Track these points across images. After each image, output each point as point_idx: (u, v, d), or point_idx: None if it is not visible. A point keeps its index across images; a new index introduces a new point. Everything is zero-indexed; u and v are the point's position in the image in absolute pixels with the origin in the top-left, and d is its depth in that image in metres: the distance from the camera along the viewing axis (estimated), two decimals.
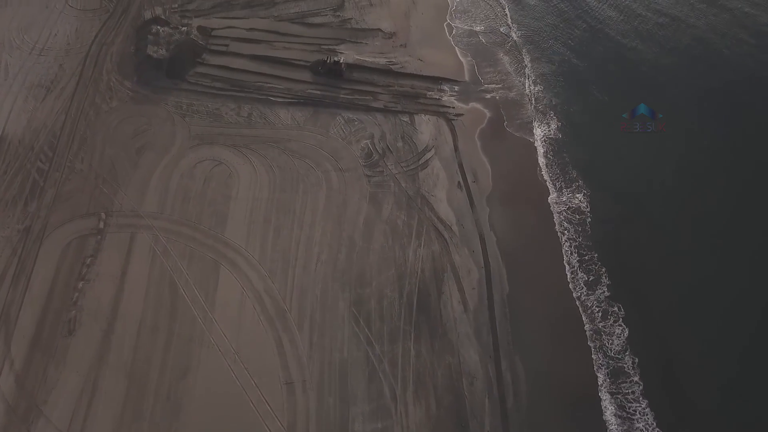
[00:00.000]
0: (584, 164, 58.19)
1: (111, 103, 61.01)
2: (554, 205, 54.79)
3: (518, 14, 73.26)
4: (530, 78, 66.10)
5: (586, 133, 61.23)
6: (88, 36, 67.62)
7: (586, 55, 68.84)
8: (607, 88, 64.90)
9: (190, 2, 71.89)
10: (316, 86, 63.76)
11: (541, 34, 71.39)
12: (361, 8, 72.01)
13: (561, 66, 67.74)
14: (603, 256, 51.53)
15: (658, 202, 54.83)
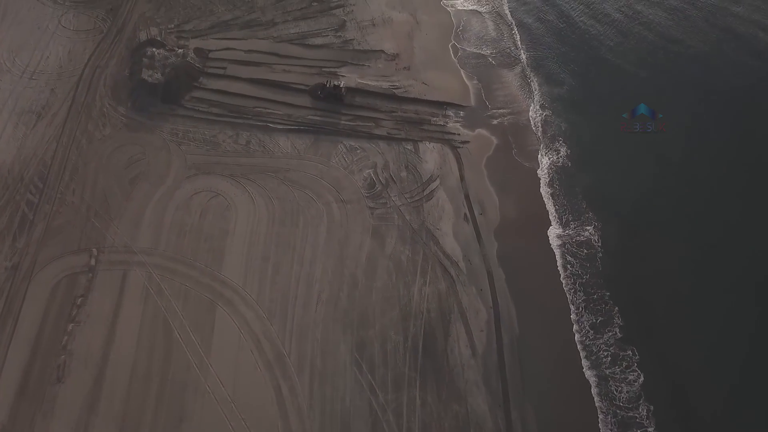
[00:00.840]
0: (595, 194, 56.93)
1: (104, 130, 59.60)
2: (559, 239, 53.28)
3: (527, 34, 72.09)
4: (539, 102, 64.76)
5: (596, 161, 59.94)
6: (81, 58, 66.22)
7: (597, 77, 67.64)
8: (617, 111, 63.35)
9: (187, 22, 70.58)
10: (317, 112, 62.36)
11: (551, 55, 70.16)
12: (363, 28, 70.71)
13: (570, 88, 66.51)
14: (615, 294, 50.08)
15: (674, 234, 53.42)
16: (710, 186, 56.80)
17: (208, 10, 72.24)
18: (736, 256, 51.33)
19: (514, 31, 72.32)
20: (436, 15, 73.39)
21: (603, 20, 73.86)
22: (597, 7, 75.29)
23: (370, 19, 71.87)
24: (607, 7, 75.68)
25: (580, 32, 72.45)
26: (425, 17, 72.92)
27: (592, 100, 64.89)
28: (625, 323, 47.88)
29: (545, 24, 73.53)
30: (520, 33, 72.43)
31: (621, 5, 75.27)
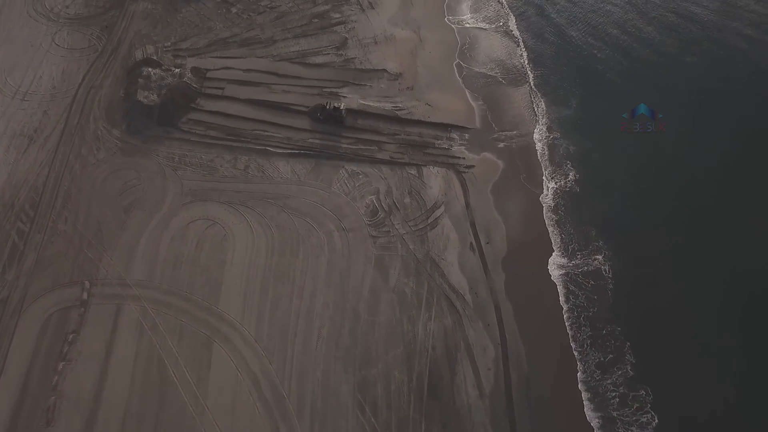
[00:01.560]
0: (604, 220, 55.78)
1: (98, 154, 58.39)
2: (562, 269, 51.99)
3: (534, 52, 70.90)
4: (546, 124, 63.52)
5: (605, 184, 58.80)
6: (75, 78, 65.09)
7: (604, 97, 66.30)
8: (625, 133, 62.16)
9: (184, 40, 69.44)
10: (317, 135, 61.16)
11: (558, 74, 68.95)
12: (365, 46, 69.53)
13: (578, 109, 65.26)
14: (626, 328, 48.69)
15: (690, 261, 52.17)
16: (725, 206, 55.48)
17: (206, 27, 71.10)
18: (761, 287, 49.99)
19: (521, 49, 71.11)
20: (440, 32, 72.21)
21: (609, 39, 72.76)
22: (603, 25, 74.15)
23: (372, 37, 70.71)
24: (611, 25, 74.39)
25: (588, 50, 71.27)
26: (429, 34, 71.76)
27: (599, 122, 63.71)
28: (638, 360, 46.44)
29: (552, 41, 72.35)
30: (527, 51, 71.23)
31: (625, 23, 73.95)
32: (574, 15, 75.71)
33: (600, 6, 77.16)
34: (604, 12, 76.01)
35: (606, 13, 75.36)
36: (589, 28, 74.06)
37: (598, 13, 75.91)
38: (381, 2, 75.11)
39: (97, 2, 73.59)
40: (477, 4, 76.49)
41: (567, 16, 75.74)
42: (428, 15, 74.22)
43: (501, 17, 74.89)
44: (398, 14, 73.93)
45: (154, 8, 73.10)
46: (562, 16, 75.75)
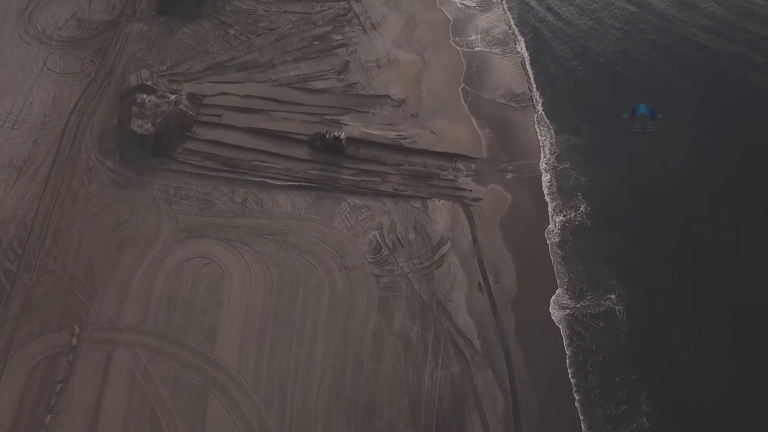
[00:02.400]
0: (618, 255, 53.88)
1: (90, 187, 56.76)
2: (566, 310, 50.25)
3: (542, 76, 69.11)
4: (555, 153, 61.80)
5: (618, 217, 57.03)
6: (66, 105, 63.51)
7: (617, 126, 64.38)
8: (636, 164, 60.51)
9: (180, 63, 67.88)
10: (318, 165, 59.57)
11: (568, 99, 67.15)
12: (367, 70, 67.94)
13: (588, 137, 63.40)
14: (641, 377, 46.89)
15: (712, 301, 50.42)
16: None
17: (203, 50, 69.54)
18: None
19: (529, 73, 69.43)
20: (445, 55, 70.60)
21: (622, 60, 70.91)
22: (614, 46, 72.34)
23: (375, 60, 69.14)
24: (624, 44, 72.70)
25: (599, 73, 69.48)
26: (434, 57, 70.17)
27: (610, 151, 61.85)
28: (655, 412, 44.62)
29: (561, 64, 70.61)
30: (535, 74, 69.52)
31: (640, 45, 72.33)
32: (585, 37, 73.98)
33: (614, 26, 75.32)
34: (617, 32, 74.18)
35: (621, 35, 73.45)
36: (601, 46, 72.17)
37: (610, 34, 74.01)
38: (384, 23, 73.55)
39: (90, 24, 72.03)
40: (484, 26, 74.86)
41: (577, 37, 74.02)
42: (433, 36, 72.65)
43: (509, 39, 73.25)
44: (402, 36, 72.35)
45: (150, 30, 71.59)
46: (572, 38, 74.04)
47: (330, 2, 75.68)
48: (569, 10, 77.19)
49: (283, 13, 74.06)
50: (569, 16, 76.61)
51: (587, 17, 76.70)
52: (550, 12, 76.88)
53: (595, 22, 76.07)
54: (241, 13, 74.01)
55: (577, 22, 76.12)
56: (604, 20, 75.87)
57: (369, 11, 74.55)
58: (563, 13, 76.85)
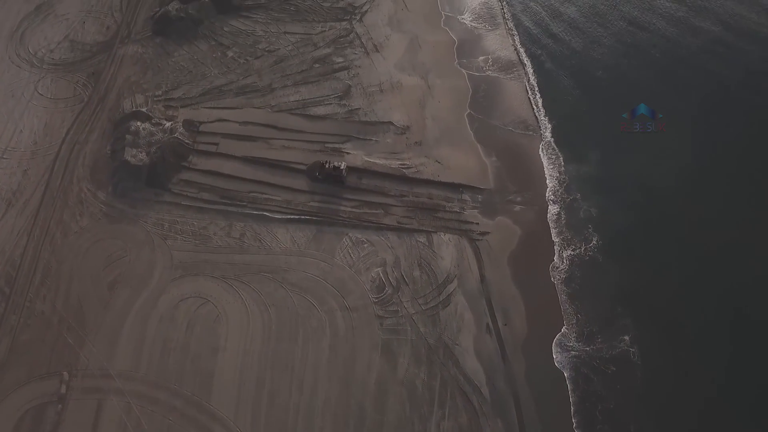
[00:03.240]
0: (634, 295, 52.38)
1: (81, 221, 55.14)
2: (572, 351, 48.50)
3: (550, 101, 67.22)
4: (564, 183, 60.13)
5: (629, 251, 55.54)
6: (58, 132, 61.93)
7: (627, 152, 62.71)
8: (650, 192, 58.85)
9: (176, 88, 66.26)
10: (319, 197, 57.94)
11: (577, 125, 65.32)
12: (369, 95, 66.29)
13: (598, 166, 61.59)
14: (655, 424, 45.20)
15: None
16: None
17: (200, 74, 67.92)
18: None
19: (536, 97, 67.68)
20: (450, 78, 68.92)
21: (632, 83, 69.10)
22: (623, 67, 70.52)
23: (378, 84, 67.48)
24: (633, 62, 70.93)
25: (608, 98, 67.61)
26: (438, 81, 68.50)
27: (623, 182, 60.18)
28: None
29: (570, 88, 68.87)
30: (543, 99, 67.71)
31: (646, 67, 70.56)
32: (590, 57, 72.15)
33: (619, 48, 73.58)
34: (623, 55, 72.45)
35: (627, 58, 71.78)
36: (611, 69, 70.38)
37: (616, 56, 72.23)
38: (387, 45, 71.91)
39: (83, 45, 70.42)
40: (490, 47, 73.09)
41: (582, 57, 72.19)
42: (437, 59, 70.98)
43: (515, 61, 71.38)
44: (405, 58, 70.69)
45: (145, 52, 70.00)
46: (577, 58, 72.22)
47: (331, 22, 74.01)
48: (574, 29, 75.35)
49: (282, 34, 72.42)
50: (574, 36, 74.86)
51: (591, 36, 75.00)
52: (555, 32, 75.04)
53: (600, 42, 74.26)
54: (239, 34, 72.38)
55: (583, 41, 74.28)
56: (609, 40, 74.14)
57: (371, 32, 72.91)
58: (568, 32, 75.06)
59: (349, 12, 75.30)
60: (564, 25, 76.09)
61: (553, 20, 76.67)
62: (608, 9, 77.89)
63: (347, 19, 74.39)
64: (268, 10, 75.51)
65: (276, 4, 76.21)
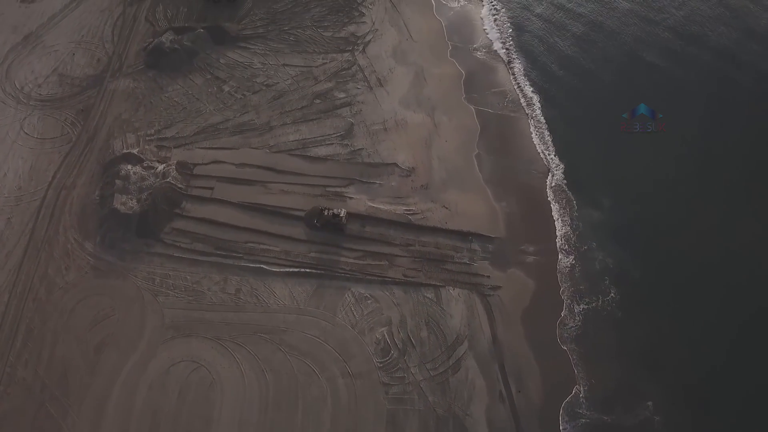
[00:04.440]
0: (660, 356, 50.16)
1: (67, 275, 52.53)
2: (597, 423, 45.91)
3: (562, 141, 64.49)
4: (578, 230, 57.61)
5: (651, 306, 53.05)
6: (44, 176, 59.37)
7: (644, 197, 60.24)
8: (670, 246, 56.37)
9: (170, 126, 63.77)
10: (320, 247, 55.45)
11: (590, 167, 62.85)
12: (373, 134, 63.78)
13: (613, 211, 59.06)
14: None
15: None
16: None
17: (195, 110, 65.43)
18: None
19: (546, 135, 65.07)
20: (457, 115, 66.41)
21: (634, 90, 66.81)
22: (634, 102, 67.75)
23: (382, 122, 65.00)
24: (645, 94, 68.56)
25: (619, 137, 64.87)
26: (445, 118, 66.00)
27: (639, 227, 57.85)
28: None
29: (581, 127, 66.26)
30: (553, 136, 65.09)
31: (662, 99, 68.21)
32: (604, 90, 69.64)
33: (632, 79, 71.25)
34: (633, 86, 70.06)
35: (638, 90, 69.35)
36: (617, 109, 67.50)
37: (629, 89, 69.72)
38: (391, 78, 69.46)
39: (73, 80, 67.93)
40: (499, 81, 70.65)
41: (595, 91, 69.63)
42: (444, 93, 68.52)
43: (525, 96, 68.89)
44: (410, 93, 68.21)
45: (137, 86, 67.52)
46: (590, 92, 69.70)
47: (332, 54, 71.61)
48: (584, 60, 72.93)
49: (281, 66, 69.98)
50: (585, 67, 72.43)
51: (602, 66, 72.72)
52: (565, 62, 72.66)
53: (612, 72, 72.09)
54: (236, 67, 69.94)
55: (595, 73, 71.89)
56: (622, 72, 72.14)
57: (374, 64, 70.49)
58: (578, 63, 72.63)
59: (352, 42, 72.91)
60: (570, 52, 73.78)
61: (562, 44, 74.98)
62: (617, 26, 76.74)
63: (349, 50, 72.02)
64: (267, 40, 73.11)
65: (274, 33, 73.85)
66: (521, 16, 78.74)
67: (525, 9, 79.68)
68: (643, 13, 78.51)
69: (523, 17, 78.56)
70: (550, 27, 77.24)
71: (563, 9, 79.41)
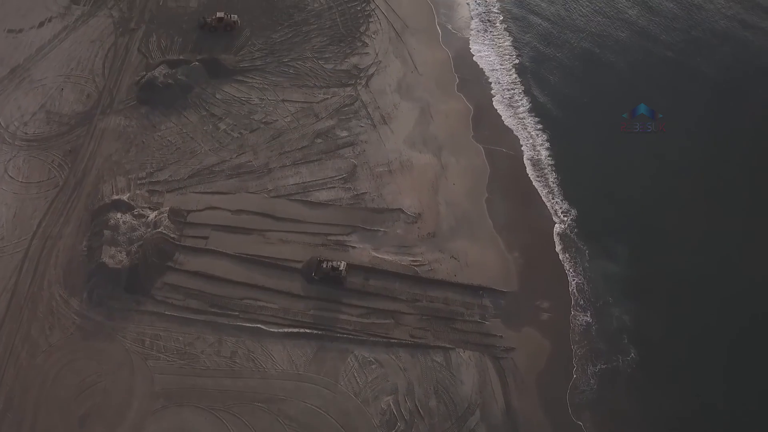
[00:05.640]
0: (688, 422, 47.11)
1: (51, 336, 49.91)
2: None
3: (572, 186, 61.62)
4: (592, 282, 55.15)
5: (671, 367, 50.79)
6: (29, 224, 56.75)
7: (661, 249, 57.70)
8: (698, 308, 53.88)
9: (162, 169, 61.17)
10: (321, 304, 52.87)
11: (602, 213, 60.29)
12: (377, 177, 61.15)
13: (628, 264, 56.67)
14: None
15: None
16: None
17: (189, 151, 62.81)
18: None
19: (558, 181, 62.21)
20: (465, 156, 63.80)
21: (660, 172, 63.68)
22: (654, 146, 64.94)
23: (386, 163, 62.42)
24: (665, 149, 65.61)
25: (634, 185, 62.22)
26: (452, 159, 63.39)
27: (656, 283, 55.32)
28: None
29: (592, 172, 63.46)
30: (562, 181, 62.18)
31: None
32: (614, 132, 66.60)
33: None
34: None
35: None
36: (631, 156, 64.70)
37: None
38: (395, 115, 66.85)
39: (61, 117, 65.26)
40: (508, 116, 68.07)
41: (611, 143, 66.38)
42: (451, 132, 65.93)
43: (536, 134, 66.29)
44: (416, 131, 65.59)
45: (128, 124, 64.89)
46: (602, 137, 66.64)
47: (334, 88, 69.01)
48: (596, 93, 70.45)
49: (280, 102, 67.39)
50: (596, 100, 69.93)
51: (612, 94, 70.46)
52: (575, 96, 70.11)
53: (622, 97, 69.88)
54: (233, 103, 67.33)
55: (605, 101, 69.42)
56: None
57: (378, 99, 67.88)
58: (590, 95, 70.15)
59: (354, 75, 70.33)
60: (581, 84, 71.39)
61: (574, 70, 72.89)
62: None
63: (352, 84, 69.47)
64: (265, 73, 70.53)
65: (273, 66, 71.28)
66: (528, 43, 76.26)
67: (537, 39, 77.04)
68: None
69: (531, 45, 76.10)
70: (557, 50, 75.29)
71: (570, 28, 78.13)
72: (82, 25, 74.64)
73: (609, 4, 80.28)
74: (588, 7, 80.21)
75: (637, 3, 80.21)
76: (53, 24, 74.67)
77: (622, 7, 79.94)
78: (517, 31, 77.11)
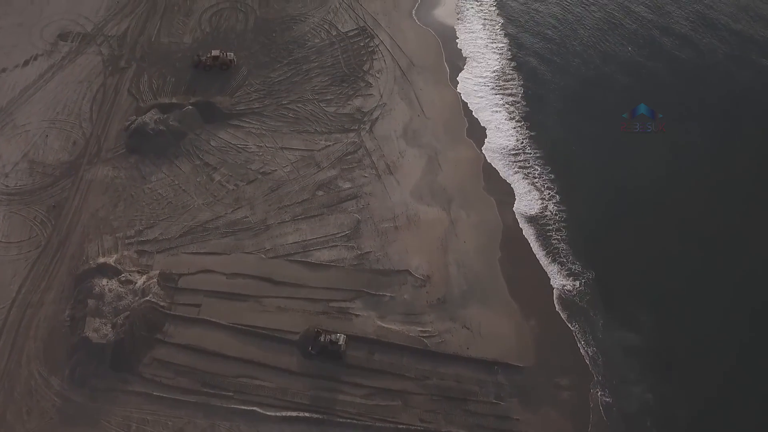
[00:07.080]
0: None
1: (28, 421, 46.74)
2: None
3: (581, 244, 58.25)
4: (612, 354, 51.52)
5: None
6: (7, 291, 53.64)
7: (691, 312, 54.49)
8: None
9: (152, 226, 58.00)
10: (323, 383, 49.48)
11: (622, 275, 56.83)
12: (382, 234, 57.93)
13: (650, 335, 53.27)
14: None
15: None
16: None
17: (181, 205, 59.65)
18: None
19: (570, 237, 58.90)
20: (477, 209, 60.57)
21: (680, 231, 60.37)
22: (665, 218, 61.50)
23: (392, 218, 59.23)
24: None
25: (654, 248, 58.94)
26: (462, 213, 60.15)
27: (689, 357, 51.86)
28: None
29: (604, 227, 60.17)
30: (570, 237, 58.89)
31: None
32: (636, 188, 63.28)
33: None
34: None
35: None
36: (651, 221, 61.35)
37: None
38: (401, 164, 63.68)
39: (45, 167, 62.18)
40: (521, 162, 64.83)
41: (627, 189, 63.15)
42: (461, 182, 62.70)
43: (549, 185, 62.98)
44: (423, 182, 62.40)
45: (117, 176, 61.78)
46: (618, 189, 63.33)
47: (336, 134, 65.92)
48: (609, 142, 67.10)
49: (279, 150, 64.28)
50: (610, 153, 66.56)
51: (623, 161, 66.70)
52: (588, 141, 66.89)
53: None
54: (228, 151, 64.22)
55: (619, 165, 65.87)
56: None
57: (383, 147, 64.75)
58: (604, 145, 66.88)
59: (357, 120, 67.25)
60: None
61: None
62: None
63: (355, 130, 66.40)
64: (263, 117, 67.53)
65: (272, 109, 68.30)
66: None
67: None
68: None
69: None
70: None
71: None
72: (69, 64, 71.78)
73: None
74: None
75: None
76: (39, 62, 71.83)
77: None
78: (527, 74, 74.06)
